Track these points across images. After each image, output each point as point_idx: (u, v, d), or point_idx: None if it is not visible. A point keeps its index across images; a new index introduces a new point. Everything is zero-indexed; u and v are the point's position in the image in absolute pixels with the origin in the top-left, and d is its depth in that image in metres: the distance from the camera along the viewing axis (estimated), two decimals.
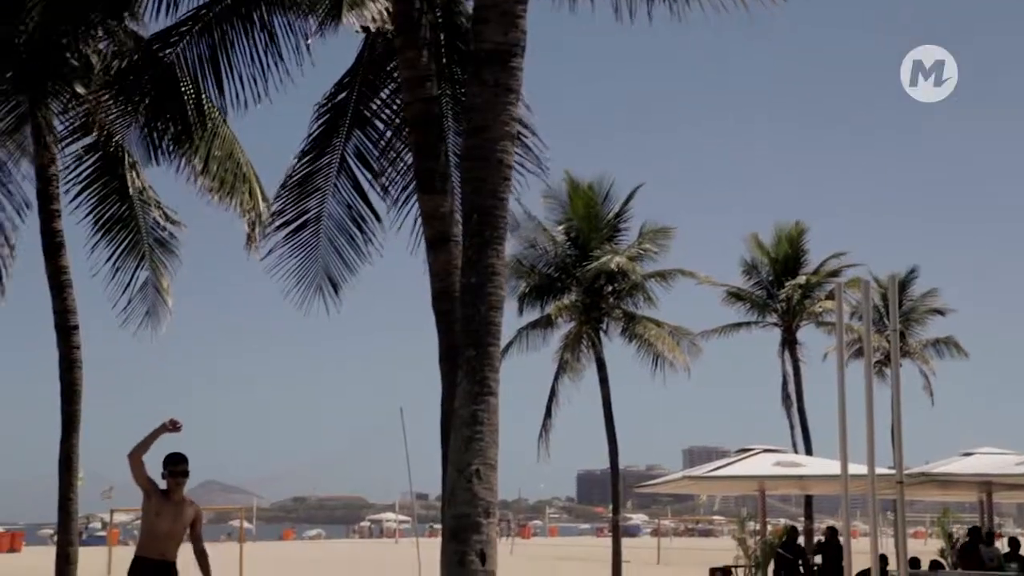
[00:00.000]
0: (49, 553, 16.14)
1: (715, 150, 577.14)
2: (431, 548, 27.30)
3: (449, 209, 11.23)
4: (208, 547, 11.04)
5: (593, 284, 33.14)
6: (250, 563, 50.72)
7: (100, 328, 19.11)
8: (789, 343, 41.27)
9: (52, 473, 14.11)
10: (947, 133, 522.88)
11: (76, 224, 15.14)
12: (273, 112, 14.18)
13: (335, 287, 14.01)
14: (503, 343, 8.75)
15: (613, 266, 32.13)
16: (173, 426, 10.46)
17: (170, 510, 10.57)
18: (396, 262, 15.07)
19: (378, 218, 13.89)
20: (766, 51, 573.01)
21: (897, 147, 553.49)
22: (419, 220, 12.20)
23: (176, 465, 10.59)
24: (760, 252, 41.73)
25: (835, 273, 39.85)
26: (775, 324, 41.60)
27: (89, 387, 14.38)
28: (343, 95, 13.60)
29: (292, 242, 13.93)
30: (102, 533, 79.67)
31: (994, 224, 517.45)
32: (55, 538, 14.70)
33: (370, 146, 13.75)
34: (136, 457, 10.44)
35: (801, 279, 40.40)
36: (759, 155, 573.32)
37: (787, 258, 41.20)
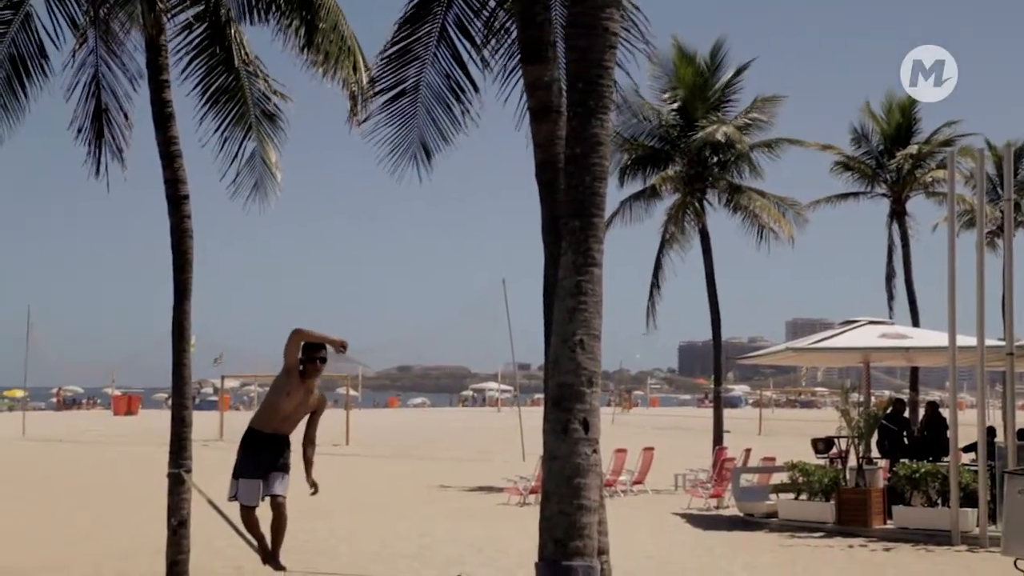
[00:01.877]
0: (164, 416, 16.69)
1: (824, 20, 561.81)
2: (533, 417, 27.71)
3: (553, 79, 11.10)
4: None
5: (698, 155, 32.76)
6: (357, 428, 52.01)
7: (212, 199, 19.39)
8: (898, 214, 40.55)
9: (167, 340, 14.46)
10: None
11: (185, 96, 15.26)
12: None
13: (429, 156, 14.01)
14: (606, 215, 8.69)
15: (720, 136, 31.68)
16: (342, 346, 10.76)
17: (299, 394, 10.80)
18: (500, 134, 14.99)
19: (476, 89, 13.77)
20: None
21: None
22: (523, 93, 12.06)
23: (315, 351, 10.82)
24: (872, 120, 40.76)
25: (948, 142, 38.84)
26: (884, 195, 40.86)
27: (200, 254, 14.62)
28: None
29: (389, 110, 13.88)
30: (214, 398, 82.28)
31: None
32: (169, 402, 15.12)
33: (471, 15, 13.58)
34: (300, 335, 10.74)
35: (913, 148, 39.48)
36: (873, 24, 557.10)
37: (899, 127, 40.18)
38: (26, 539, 17.88)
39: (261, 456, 10.76)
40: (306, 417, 11.03)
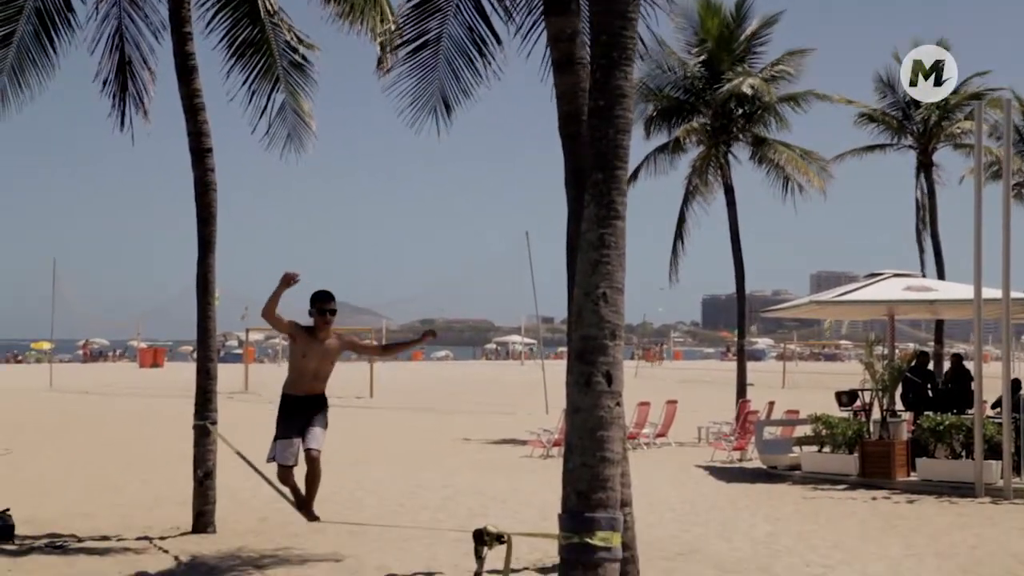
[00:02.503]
0: (189, 369, 16.79)
1: None
2: (556, 370, 27.78)
3: (576, 30, 11.02)
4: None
5: (724, 107, 32.56)
6: (381, 381, 52.23)
7: (241, 151, 19.45)
8: (925, 166, 40.22)
9: (192, 293, 14.52)
10: None
11: (211, 50, 15.26)
12: None
13: (449, 110, 13.92)
14: (631, 167, 8.65)
15: (746, 88, 31.46)
16: (291, 280, 10.35)
17: (316, 350, 10.66)
18: (522, 88, 14.92)
19: (499, 41, 13.68)
20: None
21: None
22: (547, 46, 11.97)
23: (324, 303, 10.65)
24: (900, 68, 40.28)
25: (977, 95, 38.42)
26: (910, 147, 40.52)
27: (226, 209, 14.67)
28: None
29: (410, 62, 13.79)
30: (239, 351, 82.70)
31: None
32: (194, 355, 15.22)
33: None
34: (269, 314, 10.49)
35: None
36: None
37: None
38: (52, 489, 18.06)
39: (298, 416, 10.73)
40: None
